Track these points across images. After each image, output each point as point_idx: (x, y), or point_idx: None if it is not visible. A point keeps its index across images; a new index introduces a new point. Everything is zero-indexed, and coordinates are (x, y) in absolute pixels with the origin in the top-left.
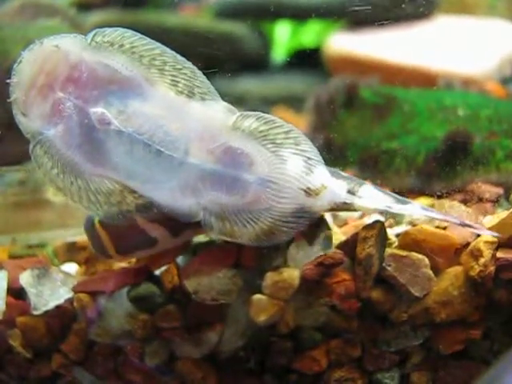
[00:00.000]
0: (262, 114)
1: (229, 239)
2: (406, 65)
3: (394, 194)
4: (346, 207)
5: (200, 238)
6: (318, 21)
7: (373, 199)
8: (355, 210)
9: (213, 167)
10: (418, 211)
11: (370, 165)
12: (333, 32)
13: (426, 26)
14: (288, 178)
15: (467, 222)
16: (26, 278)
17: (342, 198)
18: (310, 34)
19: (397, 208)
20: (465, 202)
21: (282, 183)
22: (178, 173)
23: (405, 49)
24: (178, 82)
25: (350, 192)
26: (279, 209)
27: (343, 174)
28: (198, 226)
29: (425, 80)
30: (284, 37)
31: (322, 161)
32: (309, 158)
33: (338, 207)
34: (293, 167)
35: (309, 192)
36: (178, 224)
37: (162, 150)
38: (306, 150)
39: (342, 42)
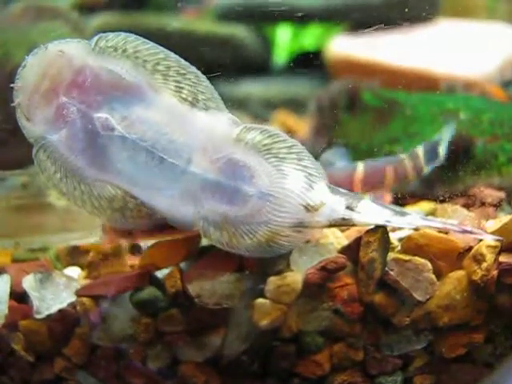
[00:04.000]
0: (266, 127)
1: (226, 249)
2: (407, 68)
3: (394, 207)
4: (345, 223)
5: (203, 242)
6: (319, 24)
7: (371, 214)
8: (354, 226)
9: (214, 178)
10: (417, 222)
11: None
12: (334, 35)
13: (427, 30)
14: (288, 193)
15: (468, 228)
16: (28, 282)
17: (341, 214)
18: (311, 37)
19: (396, 221)
20: (467, 206)
21: (281, 198)
22: (180, 181)
23: (406, 52)
24: (181, 88)
25: (349, 208)
26: (278, 223)
27: (342, 189)
28: None
29: (426, 83)
30: (285, 40)
31: (323, 177)
32: (310, 174)
33: (337, 223)
34: (294, 182)
35: (308, 208)
36: None
37: (164, 157)
38: (307, 166)
39: (343, 46)
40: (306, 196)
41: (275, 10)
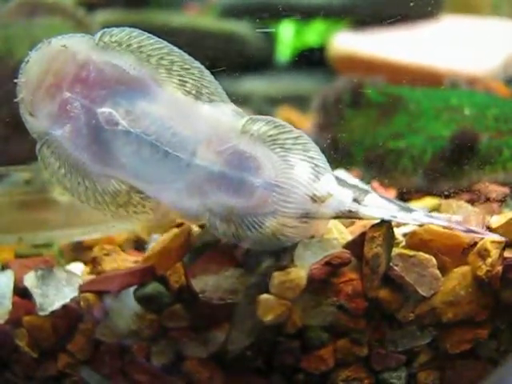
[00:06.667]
0: (272, 119)
1: (233, 242)
2: (411, 64)
3: (399, 202)
4: (351, 215)
5: (207, 237)
6: (322, 20)
7: (378, 208)
8: (360, 219)
9: (220, 169)
10: (422, 219)
11: (377, 164)
12: (337, 31)
13: (431, 26)
14: (295, 184)
15: (472, 228)
16: (30, 280)
17: (347, 206)
18: (314, 33)
19: (402, 217)
20: (472, 201)
21: (288, 188)
22: (185, 174)
23: (410, 48)
24: (185, 82)
25: (356, 201)
26: (284, 213)
27: (349, 182)
28: None
29: (430, 79)
30: (288, 36)
31: (330, 168)
32: (316, 165)
33: (343, 215)
34: (300, 173)
35: (315, 198)
36: None
37: (169, 150)
38: (314, 157)
39: (346, 42)
40: (312, 187)
41: (278, 6)
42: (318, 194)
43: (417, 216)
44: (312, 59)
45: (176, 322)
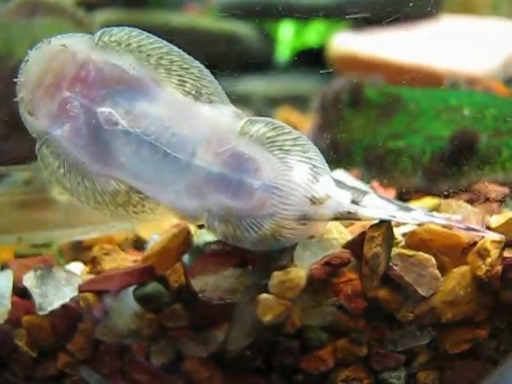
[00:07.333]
0: (271, 120)
1: (231, 243)
2: (411, 64)
3: (398, 202)
4: (350, 216)
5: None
6: (322, 20)
7: (377, 209)
8: (359, 219)
9: (219, 171)
10: (422, 218)
11: (376, 164)
12: (337, 31)
13: (430, 26)
14: (293, 185)
15: (472, 226)
16: (29, 279)
17: (346, 207)
18: (314, 33)
19: (401, 216)
20: (471, 201)
21: (287, 190)
22: (184, 174)
23: (410, 48)
24: (185, 81)
25: (354, 202)
26: (283, 215)
27: (348, 183)
28: None
29: (430, 79)
30: (288, 36)
31: (328, 169)
32: (315, 166)
33: (342, 216)
34: (299, 174)
35: (313, 200)
36: None
37: (168, 151)
38: (312, 158)
39: (346, 42)
40: (311, 188)
41: (278, 6)
42: (316, 196)
43: (416, 215)
44: (312, 59)
45: (175, 322)
